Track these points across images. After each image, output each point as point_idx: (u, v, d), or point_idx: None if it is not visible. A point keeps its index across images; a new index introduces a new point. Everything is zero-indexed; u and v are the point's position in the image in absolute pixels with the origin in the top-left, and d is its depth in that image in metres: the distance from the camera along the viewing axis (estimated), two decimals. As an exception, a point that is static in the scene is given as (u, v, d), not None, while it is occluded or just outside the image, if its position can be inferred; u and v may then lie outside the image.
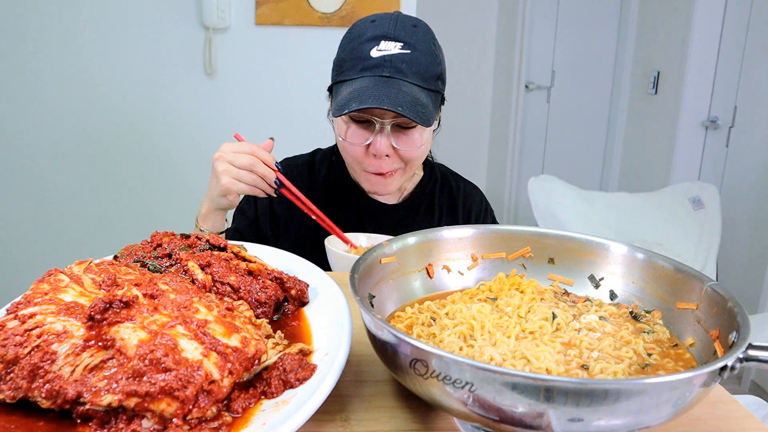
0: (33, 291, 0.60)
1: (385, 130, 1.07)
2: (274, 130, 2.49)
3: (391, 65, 1.04)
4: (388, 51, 1.05)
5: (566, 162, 4.23)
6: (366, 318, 0.57)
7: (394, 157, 1.12)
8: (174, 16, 2.34)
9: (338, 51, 1.13)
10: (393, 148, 1.10)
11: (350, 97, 1.03)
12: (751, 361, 0.51)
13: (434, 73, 1.09)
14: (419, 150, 1.12)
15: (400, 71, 1.04)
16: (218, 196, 1.08)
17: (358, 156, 1.13)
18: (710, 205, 2.78)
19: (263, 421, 0.51)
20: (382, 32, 1.06)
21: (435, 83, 1.09)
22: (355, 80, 1.06)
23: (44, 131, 2.41)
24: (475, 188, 1.35)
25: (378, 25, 1.08)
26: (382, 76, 1.04)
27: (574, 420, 0.46)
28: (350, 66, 1.07)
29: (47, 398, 0.51)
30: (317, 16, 2.35)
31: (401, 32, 1.06)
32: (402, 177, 1.17)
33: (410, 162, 1.14)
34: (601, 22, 3.96)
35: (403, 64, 1.05)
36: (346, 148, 1.14)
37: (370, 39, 1.06)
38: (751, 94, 2.98)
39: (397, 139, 1.09)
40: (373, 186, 1.17)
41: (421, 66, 1.06)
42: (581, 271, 0.77)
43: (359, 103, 1.01)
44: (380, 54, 1.05)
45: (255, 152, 1.03)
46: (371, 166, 1.12)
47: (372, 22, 1.09)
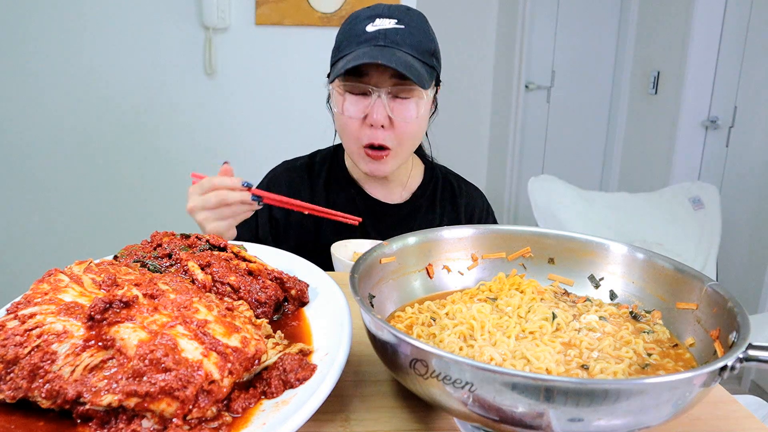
0: (33, 291, 0.60)
1: (381, 97, 1.09)
2: (274, 130, 2.49)
3: (386, 37, 1.08)
4: (382, 26, 1.09)
5: (566, 162, 4.23)
6: (366, 318, 0.57)
7: (389, 130, 1.11)
8: (174, 16, 2.34)
9: (336, 38, 1.16)
10: (389, 120, 1.10)
11: (346, 63, 1.06)
12: (751, 361, 0.51)
13: (428, 48, 1.11)
14: (415, 123, 1.12)
15: (395, 42, 1.08)
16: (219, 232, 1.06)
17: (354, 130, 1.12)
18: (710, 205, 2.78)
19: (263, 421, 0.51)
20: (377, 12, 1.11)
21: (429, 59, 1.11)
22: (352, 53, 1.09)
23: (44, 131, 2.41)
24: (476, 189, 1.35)
25: (374, 7, 1.13)
26: (377, 45, 1.07)
27: (574, 420, 0.46)
28: (347, 44, 1.11)
29: (47, 398, 0.51)
30: (317, 16, 2.35)
31: (395, 12, 1.11)
32: (396, 159, 1.16)
33: (404, 140, 1.13)
34: (601, 22, 3.96)
35: (398, 35, 1.08)
36: (344, 124, 1.13)
37: (365, 18, 1.11)
38: (751, 94, 2.98)
39: (393, 109, 1.10)
40: (369, 165, 1.16)
41: (414, 40, 1.09)
42: (581, 271, 0.77)
43: (357, 61, 1.03)
44: (375, 28, 1.09)
45: (217, 185, 1.00)
46: (367, 137, 1.12)
47: (368, 8, 1.14)
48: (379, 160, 1.14)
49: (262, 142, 2.50)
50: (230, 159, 2.49)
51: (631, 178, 3.85)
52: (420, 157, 1.34)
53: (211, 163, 2.51)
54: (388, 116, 1.10)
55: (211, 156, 2.51)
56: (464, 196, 1.31)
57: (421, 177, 1.31)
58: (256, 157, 2.49)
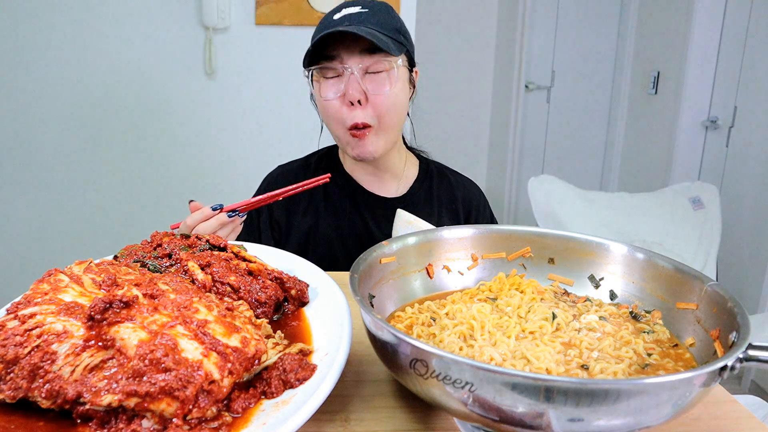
0: (33, 291, 0.60)
1: (354, 74, 1.11)
2: (274, 130, 2.49)
3: (350, 20, 1.11)
4: (347, 12, 1.13)
5: (566, 162, 4.23)
6: (366, 318, 0.57)
7: (367, 106, 1.13)
8: (174, 16, 2.34)
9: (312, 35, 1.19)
10: (365, 95, 1.12)
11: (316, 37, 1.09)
12: (751, 361, 0.51)
13: (394, 25, 1.15)
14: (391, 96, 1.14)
15: (359, 21, 1.11)
16: None
17: (335, 113, 1.14)
18: (710, 205, 2.78)
19: (263, 421, 0.51)
20: (343, 4, 1.16)
21: (396, 34, 1.14)
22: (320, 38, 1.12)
23: (44, 131, 2.41)
24: (473, 183, 1.36)
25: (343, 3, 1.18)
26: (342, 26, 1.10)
27: (574, 420, 0.46)
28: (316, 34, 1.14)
29: (47, 398, 0.51)
30: (317, 16, 2.35)
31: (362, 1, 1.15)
32: (378, 137, 1.17)
33: (383, 114, 1.15)
34: (601, 22, 3.96)
35: (362, 17, 1.12)
36: (325, 109, 1.16)
37: (333, 11, 1.16)
38: (751, 94, 2.98)
39: (367, 84, 1.12)
40: (355, 148, 1.17)
41: (379, 19, 1.13)
42: (581, 271, 0.77)
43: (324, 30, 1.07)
44: (340, 15, 1.13)
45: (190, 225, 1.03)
46: (349, 119, 1.13)
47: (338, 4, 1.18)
48: (363, 138, 1.15)
49: (262, 141, 2.50)
50: (229, 159, 2.50)
51: (631, 178, 3.84)
52: (414, 155, 1.35)
53: (211, 162, 2.51)
54: (363, 92, 1.12)
55: (212, 156, 2.51)
56: (461, 189, 1.32)
57: (416, 172, 1.32)
58: (255, 157, 2.50)
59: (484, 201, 1.34)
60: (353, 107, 1.12)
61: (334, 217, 1.25)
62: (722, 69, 3.16)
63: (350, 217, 1.24)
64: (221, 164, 2.52)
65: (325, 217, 1.24)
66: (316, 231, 1.24)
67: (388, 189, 1.28)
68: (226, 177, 2.52)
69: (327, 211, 1.25)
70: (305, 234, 1.24)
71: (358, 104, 1.12)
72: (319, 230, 1.24)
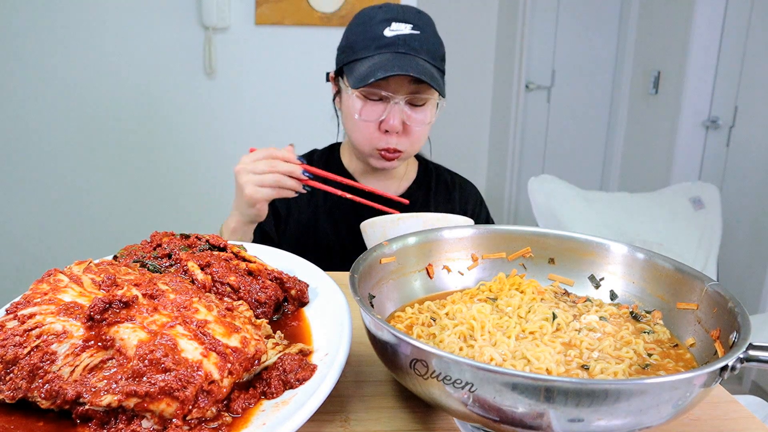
0: (32, 291, 0.59)
1: (399, 105, 1.11)
2: (274, 130, 2.49)
3: (405, 43, 1.10)
4: (400, 31, 1.10)
5: (566, 162, 4.22)
6: (366, 318, 0.57)
7: (403, 135, 1.15)
8: (174, 16, 2.34)
9: (345, 36, 1.17)
10: (404, 125, 1.14)
11: (373, 68, 1.07)
12: (752, 361, 0.51)
13: (441, 54, 1.15)
14: (427, 128, 1.17)
15: (414, 49, 1.10)
16: (246, 208, 1.07)
17: (369, 133, 1.15)
18: (711, 205, 2.78)
19: (263, 422, 0.51)
20: (392, 15, 1.12)
21: (441, 64, 1.15)
22: (372, 57, 1.10)
23: (44, 131, 2.41)
24: (470, 185, 1.38)
25: (386, 9, 1.13)
26: (398, 52, 1.08)
27: (574, 420, 0.46)
28: (364, 45, 1.11)
29: (47, 398, 0.51)
30: (317, 16, 2.35)
31: (410, 15, 1.13)
32: (405, 159, 1.21)
33: (415, 143, 1.18)
34: (601, 22, 3.96)
35: (416, 42, 1.10)
36: (358, 127, 1.16)
37: (381, 21, 1.11)
38: (752, 93, 2.98)
39: (408, 115, 1.13)
40: (378, 163, 1.19)
41: (430, 46, 1.12)
42: (581, 271, 0.77)
43: (385, 71, 1.05)
44: (393, 33, 1.10)
45: (272, 154, 1.04)
46: (382, 142, 1.15)
47: (379, 8, 1.15)
48: (391, 161, 1.18)
49: (262, 141, 2.50)
50: (229, 159, 2.49)
51: (631, 178, 3.84)
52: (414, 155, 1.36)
53: (211, 162, 2.51)
54: (402, 122, 1.13)
55: (212, 156, 2.51)
56: (458, 190, 1.34)
57: (415, 172, 1.34)
58: (256, 157, 2.49)
59: (480, 201, 1.36)
60: (389, 134, 1.14)
61: (331, 214, 1.26)
62: (723, 69, 3.16)
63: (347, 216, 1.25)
64: (221, 164, 2.52)
65: (323, 212, 1.25)
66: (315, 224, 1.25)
67: (387, 188, 1.29)
68: (226, 177, 2.51)
69: (326, 206, 1.26)
70: (304, 226, 1.25)
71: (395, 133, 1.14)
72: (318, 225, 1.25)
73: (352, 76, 1.11)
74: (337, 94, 1.22)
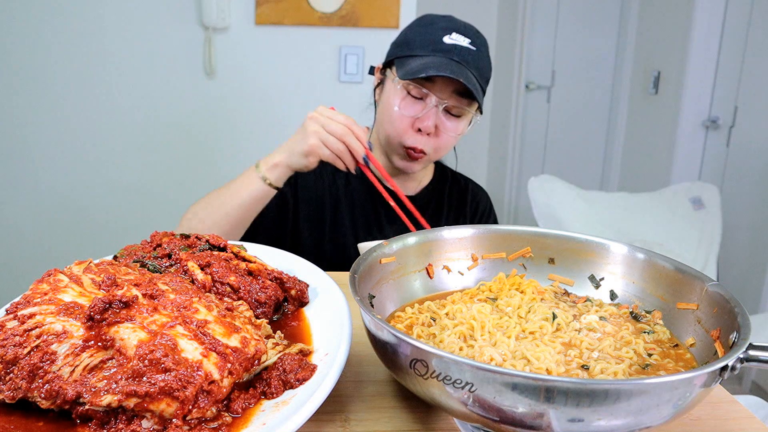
0: (32, 291, 0.59)
1: (437, 108, 1.14)
2: (274, 130, 2.49)
3: (461, 54, 1.13)
4: (458, 42, 1.14)
5: (566, 162, 4.22)
6: (366, 318, 0.57)
7: (432, 138, 1.18)
8: (174, 16, 2.33)
9: (404, 33, 1.21)
10: (436, 128, 1.17)
11: (425, 66, 1.10)
12: (752, 361, 0.51)
13: (487, 76, 1.20)
14: (456, 138, 1.21)
15: (467, 62, 1.13)
16: (300, 155, 1.08)
17: (402, 128, 1.17)
18: (711, 205, 2.78)
19: (263, 422, 0.51)
20: (453, 26, 1.17)
21: (485, 84, 1.20)
22: (426, 56, 1.13)
23: (43, 131, 2.41)
24: (483, 191, 1.43)
25: (449, 20, 1.19)
26: (452, 59, 1.12)
27: (574, 420, 0.46)
28: (421, 44, 1.15)
29: (47, 398, 0.51)
30: (317, 16, 2.35)
31: (470, 31, 1.18)
32: (427, 163, 1.25)
33: (441, 149, 1.21)
34: (601, 22, 3.96)
35: (470, 56, 1.14)
36: (393, 119, 1.18)
37: (443, 28, 1.16)
38: (752, 93, 2.98)
39: (442, 122, 1.16)
40: (403, 162, 1.22)
41: (481, 64, 1.16)
42: (581, 271, 0.77)
43: (437, 71, 1.08)
44: (452, 42, 1.14)
45: (350, 125, 1.06)
46: (411, 140, 1.17)
47: (443, 17, 1.20)
48: (415, 161, 1.21)
49: (262, 142, 2.50)
50: (230, 158, 2.49)
51: (631, 178, 3.84)
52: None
53: (211, 162, 2.51)
54: (436, 126, 1.16)
55: (211, 156, 2.51)
56: (470, 194, 1.39)
57: (431, 175, 1.38)
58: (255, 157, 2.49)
59: (490, 208, 1.41)
60: (420, 133, 1.17)
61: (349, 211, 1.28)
62: (723, 69, 3.16)
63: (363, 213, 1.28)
64: (221, 164, 2.52)
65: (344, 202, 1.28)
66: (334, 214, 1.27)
67: (405, 188, 1.32)
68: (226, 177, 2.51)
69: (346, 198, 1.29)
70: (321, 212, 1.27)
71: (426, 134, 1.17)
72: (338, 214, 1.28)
73: (403, 68, 1.15)
74: (379, 85, 1.25)
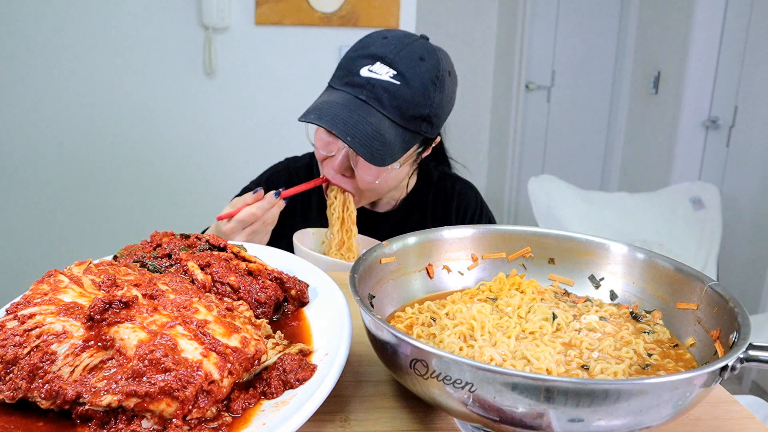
0: (32, 291, 0.59)
1: (347, 149, 1.05)
2: (274, 130, 2.49)
3: (372, 91, 1.00)
4: (377, 75, 1.00)
5: (566, 162, 4.23)
6: (366, 318, 0.57)
7: (351, 180, 1.09)
8: (174, 16, 2.34)
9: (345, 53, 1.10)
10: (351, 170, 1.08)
11: (317, 107, 1.01)
12: (752, 361, 0.51)
13: (418, 113, 1.02)
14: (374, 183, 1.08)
15: (378, 100, 1.00)
16: None
17: (320, 159, 1.12)
18: (711, 205, 2.78)
19: (263, 422, 0.51)
20: (382, 53, 1.02)
21: (416, 124, 1.03)
22: (335, 91, 1.04)
23: (43, 131, 2.41)
24: (470, 187, 1.33)
25: (385, 44, 1.03)
26: (358, 98, 1.00)
27: (574, 420, 0.46)
28: (339, 75, 1.05)
29: (47, 399, 0.51)
30: (317, 16, 2.35)
31: (402, 61, 1.01)
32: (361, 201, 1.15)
33: (365, 193, 1.11)
34: (601, 22, 3.96)
35: (385, 94, 0.99)
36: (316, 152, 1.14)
37: (368, 56, 1.03)
38: (752, 94, 2.98)
39: (356, 164, 1.06)
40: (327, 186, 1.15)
41: (404, 101, 1.00)
42: (581, 271, 0.77)
43: (316, 117, 0.98)
44: (368, 75, 1.00)
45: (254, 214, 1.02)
46: (331, 177, 1.10)
47: (383, 39, 1.04)
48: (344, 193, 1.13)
49: (262, 141, 2.50)
50: (229, 158, 2.50)
51: (631, 178, 3.84)
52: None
53: (211, 162, 2.51)
54: (350, 167, 1.07)
55: (211, 156, 2.51)
56: (456, 198, 1.29)
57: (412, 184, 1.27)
58: (255, 157, 2.49)
59: (480, 206, 1.31)
60: None
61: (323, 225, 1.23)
62: (723, 69, 3.16)
63: None
64: (221, 164, 2.52)
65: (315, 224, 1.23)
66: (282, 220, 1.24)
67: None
68: (226, 177, 2.52)
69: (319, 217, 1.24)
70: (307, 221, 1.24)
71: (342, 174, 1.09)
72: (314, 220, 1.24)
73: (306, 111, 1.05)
74: None
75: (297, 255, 1.03)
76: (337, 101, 1.01)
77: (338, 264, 1.01)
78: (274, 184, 1.27)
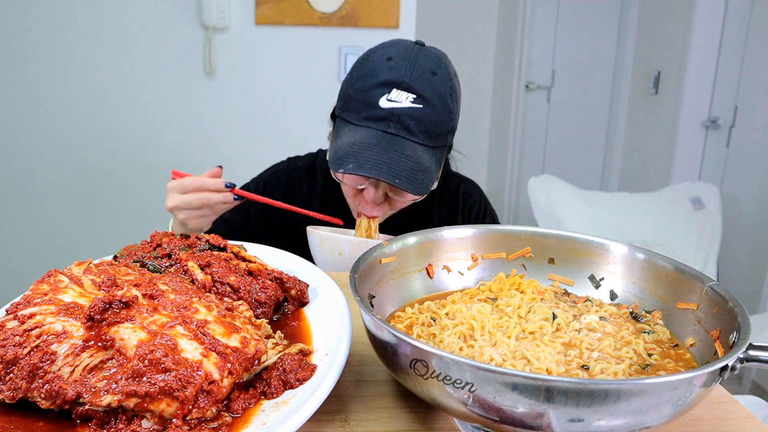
0: (32, 291, 0.59)
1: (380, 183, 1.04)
2: (274, 130, 2.49)
3: (399, 121, 0.98)
4: (398, 103, 0.98)
5: (566, 162, 4.23)
6: (366, 318, 0.57)
7: (384, 205, 1.08)
8: (174, 16, 2.34)
9: (347, 81, 1.05)
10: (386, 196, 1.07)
11: (349, 151, 0.97)
12: (752, 361, 0.51)
13: (445, 129, 1.03)
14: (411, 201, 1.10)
15: (407, 129, 0.98)
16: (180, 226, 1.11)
17: (349, 194, 1.10)
18: (711, 205, 2.78)
19: (263, 422, 0.51)
20: (395, 78, 0.99)
21: (443, 139, 1.04)
22: (359, 128, 1.00)
23: (43, 131, 2.41)
24: (474, 186, 1.33)
25: (393, 67, 1.00)
26: (387, 132, 0.98)
27: (574, 420, 0.46)
28: (356, 108, 1.01)
29: (47, 399, 0.51)
30: (317, 16, 2.35)
31: (416, 81, 0.99)
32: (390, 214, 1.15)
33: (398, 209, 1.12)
34: (601, 22, 3.96)
35: (412, 121, 0.98)
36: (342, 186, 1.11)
37: (381, 84, 0.99)
38: (752, 93, 2.98)
39: (391, 191, 1.06)
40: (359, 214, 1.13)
41: (431, 123, 1.00)
42: (581, 271, 0.77)
43: (356, 167, 0.95)
44: (390, 106, 0.98)
45: (201, 187, 1.04)
46: (361, 208, 1.08)
47: (388, 61, 1.01)
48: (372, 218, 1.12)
49: (262, 141, 2.50)
50: (229, 158, 2.49)
51: (631, 178, 3.84)
52: None
53: (211, 162, 2.51)
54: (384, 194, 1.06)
55: (211, 155, 2.51)
56: (462, 197, 1.30)
57: None
58: (255, 157, 2.50)
59: (484, 206, 1.31)
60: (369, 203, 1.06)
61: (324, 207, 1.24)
62: (723, 69, 3.16)
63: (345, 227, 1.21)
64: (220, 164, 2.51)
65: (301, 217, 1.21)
66: None
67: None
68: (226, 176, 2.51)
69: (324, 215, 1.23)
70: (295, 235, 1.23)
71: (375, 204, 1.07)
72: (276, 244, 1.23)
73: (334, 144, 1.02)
74: None
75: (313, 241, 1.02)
76: (368, 141, 0.98)
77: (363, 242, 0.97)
78: (276, 183, 1.27)
